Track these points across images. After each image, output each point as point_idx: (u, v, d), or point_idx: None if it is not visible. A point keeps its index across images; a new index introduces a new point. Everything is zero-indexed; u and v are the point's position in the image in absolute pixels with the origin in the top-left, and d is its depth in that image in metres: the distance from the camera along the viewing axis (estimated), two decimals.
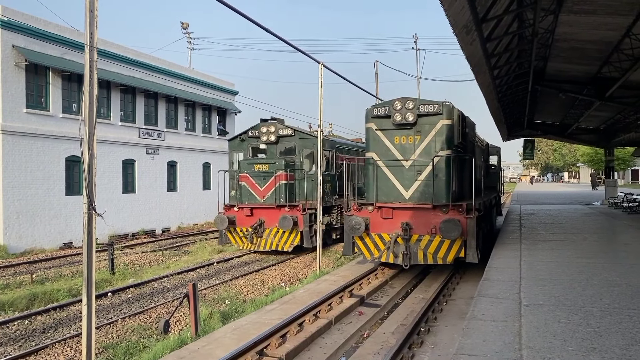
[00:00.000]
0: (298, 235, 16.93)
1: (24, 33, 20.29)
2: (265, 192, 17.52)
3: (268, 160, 17.92)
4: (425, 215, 12.18)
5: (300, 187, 17.99)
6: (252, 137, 19.01)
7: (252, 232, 16.99)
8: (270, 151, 18.84)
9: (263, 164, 17.71)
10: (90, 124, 6.56)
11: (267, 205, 17.32)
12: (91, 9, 6.52)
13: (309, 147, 18.35)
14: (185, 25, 43.51)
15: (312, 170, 18.21)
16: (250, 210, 17.51)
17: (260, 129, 18.69)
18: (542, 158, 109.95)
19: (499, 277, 8.89)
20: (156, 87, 26.92)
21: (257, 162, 17.92)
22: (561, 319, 6.34)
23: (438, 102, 12.50)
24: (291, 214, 16.77)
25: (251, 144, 19.13)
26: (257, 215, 17.43)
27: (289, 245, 16.99)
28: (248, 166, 17.91)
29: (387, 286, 12.83)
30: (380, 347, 8.42)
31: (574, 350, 5.26)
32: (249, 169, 17.82)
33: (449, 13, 10.30)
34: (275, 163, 17.59)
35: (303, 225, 16.88)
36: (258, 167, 17.67)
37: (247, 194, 17.77)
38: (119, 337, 9.47)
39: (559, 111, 26.95)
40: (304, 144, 18.49)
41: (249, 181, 17.73)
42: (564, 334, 5.78)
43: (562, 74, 19.17)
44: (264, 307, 10.32)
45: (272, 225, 17.12)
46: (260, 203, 17.52)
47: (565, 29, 13.76)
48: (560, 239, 13.41)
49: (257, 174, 17.62)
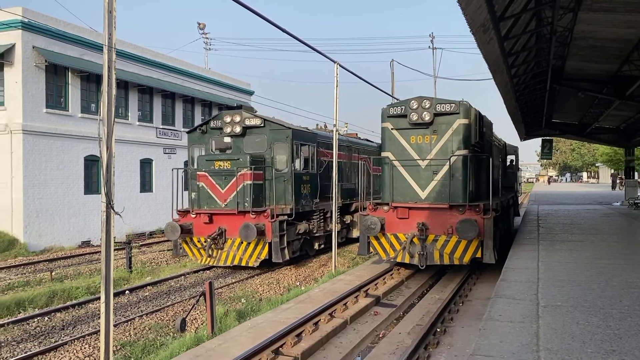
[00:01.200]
0: (266, 248, 14.24)
1: (44, 34, 20.60)
2: (227, 195, 14.59)
3: (230, 156, 14.88)
4: (442, 215, 12.11)
5: (271, 189, 14.90)
6: (215, 128, 15.87)
7: (210, 243, 14.22)
8: (236, 145, 15.67)
9: (224, 160, 14.66)
10: (108, 124, 6.64)
11: (229, 211, 14.41)
12: (110, 9, 6.60)
13: (281, 139, 15.35)
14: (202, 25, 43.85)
15: (287, 167, 15.35)
16: (208, 217, 14.64)
17: (224, 119, 15.64)
18: (560, 158, 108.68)
19: (516, 278, 8.80)
20: (173, 87, 27.15)
21: (217, 158, 14.91)
22: (580, 320, 6.26)
23: (455, 101, 12.41)
24: (257, 222, 14.03)
25: (214, 136, 15.90)
26: (217, 222, 14.62)
27: (254, 260, 14.25)
28: (207, 163, 14.91)
29: (402, 286, 12.78)
30: (396, 348, 8.40)
31: (592, 352, 5.19)
32: (207, 167, 14.84)
33: (466, 12, 10.23)
34: (239, 159, 14.61)
35: (271, 235, 14.04)
36: (219, 165, 14.68)
37: (206, 197, 14.84)
38: (137, 335, 9.56)
39: (577, 110, 26.61)
40: (276, 136, 15.42)
41: (208, 181, 14.81)
42: (582, 335, 5.70)
43: (580, 73, 18.93)
44: (280, 306, 10.35)
45: (234, 235, 14.25)
46: (221, 208, 14.60)
47: (584, 27, 13.59)
48: (578, 240, 13.24)
49: (218, 173, 14.70)
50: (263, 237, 14.08)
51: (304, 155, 16.24)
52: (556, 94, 22.60)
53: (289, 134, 15.30)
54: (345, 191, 19.13)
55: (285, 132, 15.45)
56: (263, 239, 14.13)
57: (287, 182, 15.18)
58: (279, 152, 15.41)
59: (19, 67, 19.80)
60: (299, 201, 15.44)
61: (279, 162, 15.46)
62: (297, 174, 15.47)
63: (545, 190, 56.12)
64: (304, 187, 16.01)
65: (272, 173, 15.07)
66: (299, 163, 15.78)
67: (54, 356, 8.48)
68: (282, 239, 14.37)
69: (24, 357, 8.31)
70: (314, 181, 16.78)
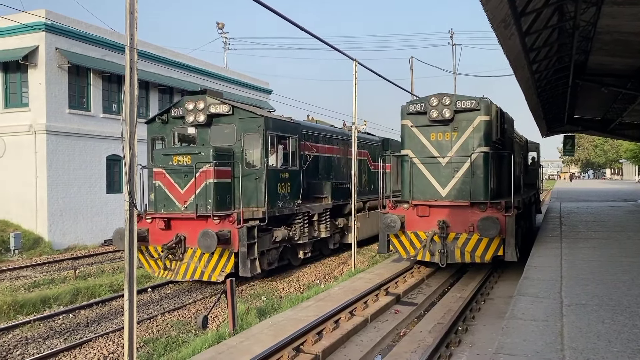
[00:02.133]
0: (232, 259, 11.96)
1: (66, 36, 20.91)
2: (187, 196, 12.23)
3: (190, 150, 12.58)
4: (463, 213, 12.01)
5: (243, 188, 12.51)
6: (177, 117, 13.57)
7: (166, 254, 12.02)
8: (201, 137, 13.43)
9: (184, 155, 12.39)
10: (131, 124, 6.72)
11: (189, 215, 12.07)
12: (131, 10, 6.68)
13: (252, 130, 12.99)
14: (220, 25, 44.08)
15: (260, 163, 12.98)
16: (165, 222, 12.36)
17: (185, 106, 13.29)
18: (582, 154, 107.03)
19: (539, 276, 8.70)
20: (193, 87, 27.29)
21: (175, 152, 12.63)
22: (605, 319, 6.16)
23: (475, 98, 12.31)
24: (220, 228, 11.72)
25: (176, 127, 13.74)
26: (175, 228, 12.32)
27: (218, 273, 11.95)
28: (164, 158, 12.63)
29: (423, 284, 12.72)
30: (417, 346, 8.36)
31: (619, 351, 5.11)
32: (165, 163, 12.57)
33: (486, 7, 10.10)
34: (200, 153, 12.25)
35: (238, 244, 11.73)
36: (177, 160, 12.41)
37: (164, 199, 12.54)
38: (159, 332, 9.67)
39: (600, 106, 26.15)
40: (247, 126, 13.05)
41: (166, 180, 12.54)
42: (608, 334, 5.61)
43: (604, 68, 18.59)
44: (300, 304, 10.38)
45: (195, 244, 11.89)
46: (180, 211, 12.27)
47: (608, 21, 13.34)
48: (602, 237, 13.03)
49: (176, 170, 12.42)
50: (229, 246, 11.80)
51: (282, 148, 13.98)
52: (579, 90, 22.24)
53: (261, 123, 12.94)
54: (338, 191, 16.78)
55: (256, 120, 13.03)
56: (229, 248, 11.83)
57: (260, 181, 12.84)
58: (250, 144, 13.03)
59: (42, 68, 20.14)
60: (274, 203, 13.23)
61: (251, 157, 13.10)
62: (272, 170, 13.30)
63: (568, 187, 55.31)
64: (281, 186, 13.70)
65: (241, 169, 12.64)
66: (275, 158, 13.57)
67: (79, 352, 8.62)
68: (252, 249, 12.08)
69: (50, 353, 8.47)
70: (295, 179, 14.40)
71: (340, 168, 18.22)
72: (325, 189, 16.12)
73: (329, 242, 16.96)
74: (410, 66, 33.92)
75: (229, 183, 12.70)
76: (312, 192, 15.77)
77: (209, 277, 12.02)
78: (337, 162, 18.03)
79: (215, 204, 12.14)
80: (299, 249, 15.10)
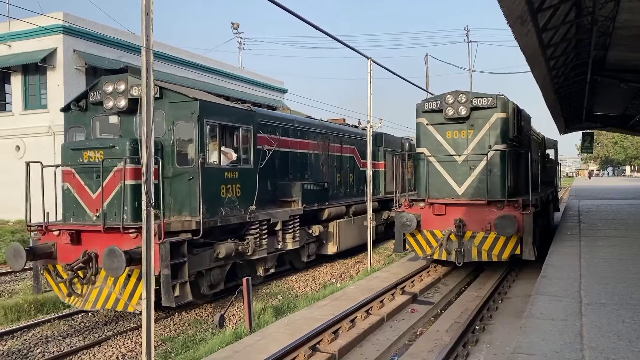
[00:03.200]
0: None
1: (83, 38, 21.18)
2: (100, 202, 9.41)
3: (102, 143, 9.79)
4: (480, 211, 11.93)
5: (173, 192, 10.10)
6: (96, 103, 10.73)
7: (71, 276, 9.50)
8: (125, 128, 10.64)
9: (95, 149, 9.66)
10: (147, 124, 6.78)
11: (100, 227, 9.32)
12: (147, 12, 6.72)
13: (185, 117, 10.12)
14: (235, 25, 44.29)
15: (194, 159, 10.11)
16: (70, 235, 9.60)
17: (104, 89, 10.46)
18: (601, 151, 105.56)
19: (557, 275, 8.61)
20: (208, 87, 27.42)
21: (84, 146, 9.90)
22: (626, 318, 6.08)
23: (492, 95, 12.21)
24: (137, 244, 8.81)
25: (97, 115, 10.92)
26: (86, 243, 9.59)
27: (136, 302, 9.23)
28: (73, 155, 9.94)
29: (439, 283, 12.65)
30: (434, 345, 8.32)
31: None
32: (74, 160, 9.90)
33: (502, 3, 10.02)
34: (114, 147, 9.51)
35: (159, 265, 8.85)
36: (88, 156, 9.71)
37: (73, 205, 9.90)
38: (177, 331, 9.75)
39: (620, 102, 25.77)
40: (178, 112, 10.19)
41: (75, 181, 9.89)
42: (629, 334, 5.53)
43: (623, 63, 18.30)
44: (316, 303, 10.39)
45: None
46: (92, 222, 9.62)
47: (627, 16, 13.13)
48: (622, 236, 12.84)
49: (87, 169, 9.74)
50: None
51: (229, 141, 11.24)
52: (597, 86, 21.93)
53: (195, 109, 10.09)
54: (312, 193, 13.97)
55: (189, 105, 10.15)
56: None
57: (194, 182, 9.97)
58: (183, 135, 10.27)
59: (60, 70, 20.42)
60: (215, 210, 10.46)
61: (184, 152, 10.33)
62: (213, 169, 10.47)
63: (586, 185, 54.61)
64: (226, 189, 10.85)
65: (173, 168, 10.11)
66: (218, 153, 10.70)
67: (98, 351, 8.72)
68: (182, 270, 9.36)
69: (70, 351, 8.58)
70: (247, 180, 11.47)
71: (319, 166, 15.75)
72: (294, 191, 13.38)
73: (302, 253, 14.31)
74: (426, 64, 33.79)
75: (155, 185, 8.71)
76: (279, 195, 13.29)
77: (125, 307, 9.37)
78: (313, 160, 15.45)
79: (133, 213, 9.34)
80: (258, 265, 12.37)
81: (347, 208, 16.25)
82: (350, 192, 17.62)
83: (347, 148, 17.53)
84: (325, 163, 16.11)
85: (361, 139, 17.93)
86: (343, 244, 15.68)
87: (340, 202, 16.18)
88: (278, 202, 13.25)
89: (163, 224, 8.99)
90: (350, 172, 17.78)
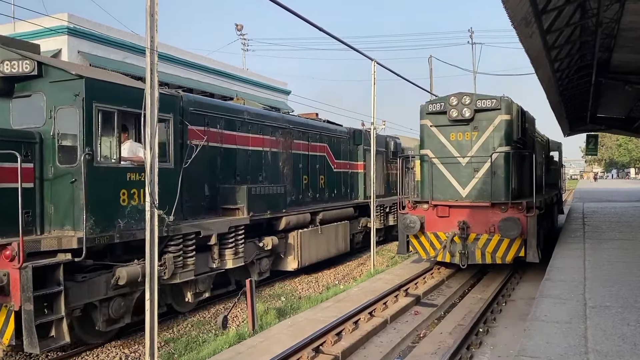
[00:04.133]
0: (10, 325, 7.09)
1: (88, 39, 21.21)
2: None
3: None
4: (484, 213, 11.90)
5: (55, 198, 7.86)
6: None
7: None
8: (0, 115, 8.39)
9: None
10: (151, 126, 6.79)
11: None
12: (151, 13, 6.73)
13: (68, 102, 7.81)
14: (239, 27, 44.35)
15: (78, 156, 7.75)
16: None
17: None
18: (605, 154, 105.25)
19: (561, 277, 8.57)
20: (212, 88, 27.52)
21: None
22: (630, 321, 6.05)
23: (496, 97, 12.19)
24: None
25: None
26: None
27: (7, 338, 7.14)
28: None
29: (443, 286, 12.62)
30: (438, 347, 8.30)
31: None
32: None
33: (507, 5, 10.02)
34: None
35: (19, 299, 6.84)
36: None
37: None
38: (180, 332, 9.74)
39: (624, 104, 25.70)
40: (60, 95, 7.90)
41: None
42: (633, 337, 5.51)
43: (628, 65, 18.25)
44: (319, 305, 10.38)
45: None
46: None
47: (632, 18, 13.10)
48: (627, 238, 12.79)
49: None
50: (7, 300, 7.01)
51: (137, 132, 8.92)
52: (602, 88, 21.87)
53: (80, 90, 7.73)
54: (263, 199, 11.66)
55: (72, 85, 7.80)
56: (6, 303, 7.05)
57: (77, 185, 7.68)
58: (65, 125, 7.95)
59: None
60: (111, 222, 8.03)
61: (68, 146, 8.05)
62: (107, 168, 8.13)
63: (590, 187, 54.46)
64: (129, 195, 8.36)
65: (53, 167, 7.90)
66: (117, 148, 8.31)
67: (101, 351, 8.72)
68: (57, 302, 7.19)
69: (73, 353, 8.58)
70: (164, 183, 7.68)
71: (278, 167, 13.48)
72: (238, 196, 11.06)
73: (252, 271, 11.93)
74: (430, 65, 33.76)
75: (29, 190, 7.56)
76: (221, 201, 11.10)
77: None
78: (271, 159, 13.15)
79: None
80: (185, 290, 10.06)
81: (312, 215, 13.91)
82: (321, 196, 15.36)
83: (317, 146, 15.31)
84: (287, 163, 13.80)
85: (334, 136, 16.33)
86: (306, 257, 13.38)
87: (306, 208, 13.93)
88: (219, 210, 11.01)
89: (22, 241, 6.79)
90: (321, 174, 15.47)
